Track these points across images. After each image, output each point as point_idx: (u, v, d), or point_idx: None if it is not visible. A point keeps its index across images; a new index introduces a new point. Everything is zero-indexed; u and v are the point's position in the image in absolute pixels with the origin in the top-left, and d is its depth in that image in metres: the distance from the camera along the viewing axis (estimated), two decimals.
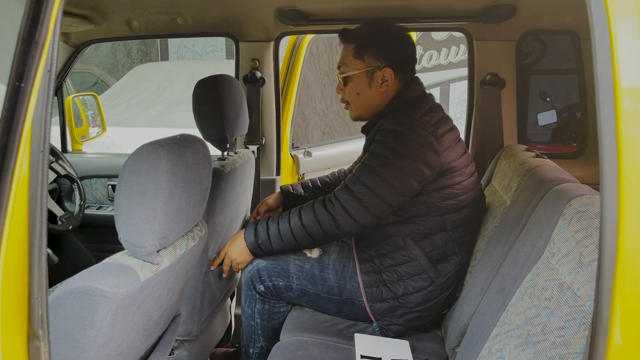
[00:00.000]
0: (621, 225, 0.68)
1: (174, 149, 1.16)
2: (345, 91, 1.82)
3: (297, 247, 1.74)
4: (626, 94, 0.70)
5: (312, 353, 1.59)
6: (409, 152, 1.63)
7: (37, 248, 0.77)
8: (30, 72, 0.68)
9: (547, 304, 1.12)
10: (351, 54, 1.77)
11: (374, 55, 1.75)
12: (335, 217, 1.64)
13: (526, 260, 1.31)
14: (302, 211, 1.70)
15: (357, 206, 1.63)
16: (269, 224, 1.74)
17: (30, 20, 0.66)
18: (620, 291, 0.70)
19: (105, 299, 1.02)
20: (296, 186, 2.18)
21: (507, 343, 1.21)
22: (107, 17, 2.22)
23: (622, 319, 0.71)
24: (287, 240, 1.71)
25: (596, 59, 0.69)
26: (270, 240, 1.72)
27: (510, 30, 2.19)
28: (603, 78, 0.69)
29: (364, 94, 1.79)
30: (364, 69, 1.76)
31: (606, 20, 0.69)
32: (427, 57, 8.25)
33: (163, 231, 1.14)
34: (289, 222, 1.70)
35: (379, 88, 1.77)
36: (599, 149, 0.70)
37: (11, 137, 0.68)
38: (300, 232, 1.68)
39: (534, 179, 1.58)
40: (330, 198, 1.68)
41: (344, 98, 1.86)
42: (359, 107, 1.83)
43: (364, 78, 1.77)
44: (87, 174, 2.60)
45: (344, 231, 1.66)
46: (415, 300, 1.73)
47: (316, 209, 1.68)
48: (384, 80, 1.76)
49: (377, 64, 1.76)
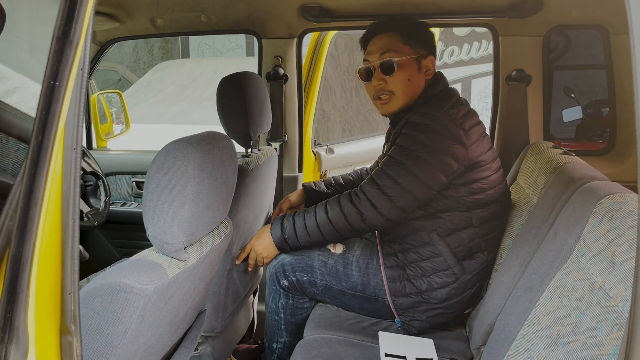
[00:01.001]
0: None
1: (201, 147, 1.16)
2: (390, 80, 1.75)
3: (324, 242, 1.74)
4: None
5: (336, 350, 1.59)
6: (437, 145, 1.61)
7: (70, 244, 0.78)
8: (65, 71, 0.69)
9: (577, 304, 1.10)
10: (399, 41, 1.75)
11: (420, 43, 1.76)
12: (362, 211, 1.64)
13: (555, 259, 1.29)
14: (328, 205, 1.70)
15: (384, 200, 1.62)
16: (295, 218, 1.74)
17: (65, 19, 0.67)
18: None
19: (134, 295, 1.03)
20: (319, 183, 2.17)
21: (535, 343, 1.19)
22: (132, 16, 2.25)
23: None
24: (313, 235, 1.71)
25: (635, 55, 0.67)
26: (297, 235, 1.73)
27: (536, 25, 2.15)
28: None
29: (414, 80, 1.76)
30: (414, 55, 1.75)
31: None
32: (448, 52, 8.18)
33: (190, 228, 1.15)
34: (315, 216, 1.70)
35: (424, 76, 1.78)
36: (638, 148, 0.68)
37: (46, 134, 0.69)
38: (326, 226, 1.68)
39: (562, 176, 1.55)
40: (357, 192, 1.67)
41: (387, 88, 1.77)
42: (407, 95, 1.76)
43: (414, 64, 1.76)
44: (111, 170, 2.63)
45: (370, 225, 1.65)
46: (439, 296, 1.72)
47: (342, 203, 1.67)
48: (427, 69, 1.77)
49: (423, 52, 1.77)
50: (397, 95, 1.76)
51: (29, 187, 0.70)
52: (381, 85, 1.77)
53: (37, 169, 0.70)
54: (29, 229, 0.71)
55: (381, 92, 1.78)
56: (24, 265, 0.71)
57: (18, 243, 0.70)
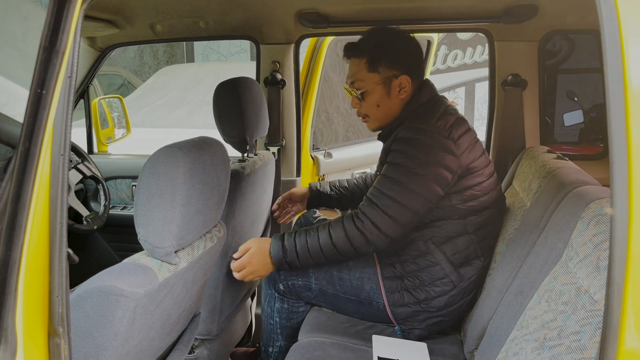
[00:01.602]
0: (631, 228, 0.68)
1: (191, 152, 1.18)
2: (363, 105, 1.81)
3: (325, 263, 1.72)
4: (636, 96, 0.69)
5: (329, 354, 1.60)
6: (429, 158, 1.62)
7: (57, 248, 0.80)
8: (52, 80, 0.71)
9: (564, 308, 1.11)
10: (365, 68, 1.76)
11: (388, 65, 1.74)
12: (366, 234, 1.62)
13: (545, 264, 1.30)
14: (330, 229, 1.67)
15: (387, 220, 1.62)
16: (296, 240, 1.68)
17: (51, 30, 0.69)
18: (632, 295, 0.70)
19: (124, 298, 1.04)
20: (324, 185, 2.21)
21: (523, 347, 1.20)
22: (132, 22, 2.27)
23: (635, 323, 0.70)
24: (315, 257, 1.67)
25: (606, 61, 0.69)
26: (298, 257, 1.68)
27: (532, 30, 2.16)
28: (613, 80, 0.68)
29: (384, 105, 1.78)
30: (380, 81, 1.75)
31: (616, 19, 0.69)
32: (452, 56, 8.19)
33: (181, 232, 1.16)
34: (318, 239, 1.66)
35: (398, 96, 1.76)
36: (609, 153, 0.70)
37: (33, 141, 0.71)
38: (330, 250, 1.65)
39: (554, 181, 1.56)
40: (359, 215, 1.65)
41: (361, 112, 1.84)
42: (379, 119, 1.81)
43: (382, 89, 1.76)
44: (112, 174, 2.65)
45: (375, 247, 1.65)
46: (438, 304, 1.73)
47: (346, 227, 1.64)
48: (401, 87, 1.75)
49: (393, 73, 1.75)
50: (371, 117, 1.82)
51: (16, 192, 0.72)
52: (357, 108, 1.84)
53: (24, 174, 0.72)
54: (16, 232, 0.73)
55: (359, 114, 1.86)
56: (12, 267, 0.73)
57: (6, 246, 0.72)
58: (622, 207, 0.68)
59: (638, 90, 0.69)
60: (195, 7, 2.17)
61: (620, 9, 0.70)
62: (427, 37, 3.18)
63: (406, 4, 2.09)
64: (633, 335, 0.70)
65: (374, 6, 2.10)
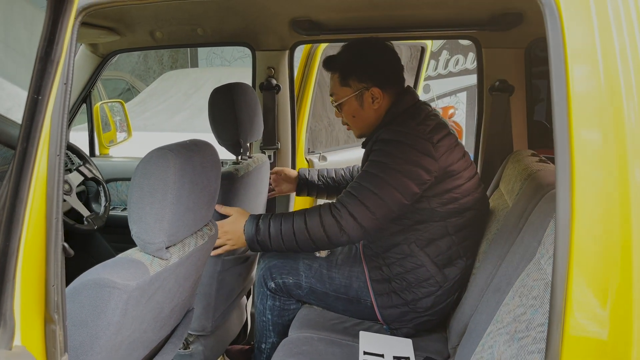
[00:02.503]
0: (573, 225, 0.74)
1: (182, 153, 1.25)
2: (343, 115, 1.92)
3: (297, 250, 1.75)
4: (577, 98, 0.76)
5: (317, 348, 1.66)
6: (407, 157, 1.68)
7: (53, 240, 0.87)
8: (47, 86, 0.78)
9: (533, 302, 1.17)
10: (338, 83, 1.87)
11: (358, 79, 1.84)
12: (341, 223, 1.66)
13: (520, 262, 1.36)
14: (307, 215, 1.71)
15: (363, 211, 1.66)
16: (271, 222, 1.71)
17: (46, 42, 0.76)
18: (575, 283, 0.76)
19: (116, 290, 1.11)
20: (312, 172, 2.30)
21: (497, 340, 1.26)
22: (132, 29, 2.35)
23: (577, 311, 0.77)
24: (287, 242, 1.70)
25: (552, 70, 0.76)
26: (270, 239, 1.70)
27: (518, 37, 2.23)
28: (557, 84, 0.75)
29: (359, 116, 1.88)
30: (352, 94, 1.85)
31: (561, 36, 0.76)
32: (453, 61, 8.26)
33: (172, 229, 1.23)
34: (292, 224, 1.70)
35: (372, 107, 1.85)
36: (555, 153, 0.77)
37: (30, 142, 0.78)
38: (302, 235, 1.68)
39: (533, 183, 1.62)
40: (336, 205, 1.70)
41: (343, 121, 1.96)
42: (358, 127, 1.92)
43: (355, 102, 1.86)
44: (113, 176, 2.73)
45: (348, 235, 1.67)
46: (425, 305, 1.79)
47: (322, 214, 1.69)
48: (374, 98, 1.84)
49: (363, 85, 1.83)
50: (352, 126, 1.94)
51: (15, 188, 0.79)
52: (339, 117, 1.96)
53: (22, 172, 0.79)
54: (15, 225, 0.80)
55: (343, 123, 1.98)
56: (11, 257, 0.80)
57: (5, 237, 0.79)
58: (565, 204, 0.75)
59: (579, 97, 0.76)
60: (193, 14, 2.25)
61: (565, 23, 0.77)
62: (421, 44, 3.25)
63: (396, 12, 2.15)
64: (576, 322, 0.76)
65: (365, 14, 2.17)
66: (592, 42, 0.79)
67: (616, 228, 0.77)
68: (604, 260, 0.77)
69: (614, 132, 0.77)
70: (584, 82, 0.79)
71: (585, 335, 0.76)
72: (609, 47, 0.79)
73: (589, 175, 0.75)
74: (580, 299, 0.76)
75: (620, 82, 0.78)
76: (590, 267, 0.75)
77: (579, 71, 0.78)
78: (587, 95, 0.78)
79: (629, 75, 0.78)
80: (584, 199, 0.75)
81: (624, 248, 0.76)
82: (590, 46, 0.79)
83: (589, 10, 0.80)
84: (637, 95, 0.78)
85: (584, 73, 0.79)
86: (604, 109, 0.78)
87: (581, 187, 0.75)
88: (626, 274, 0.76)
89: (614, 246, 0.77)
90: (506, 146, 2.31)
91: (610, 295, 0.77)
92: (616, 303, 0.77)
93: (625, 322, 0.76)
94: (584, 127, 0.77)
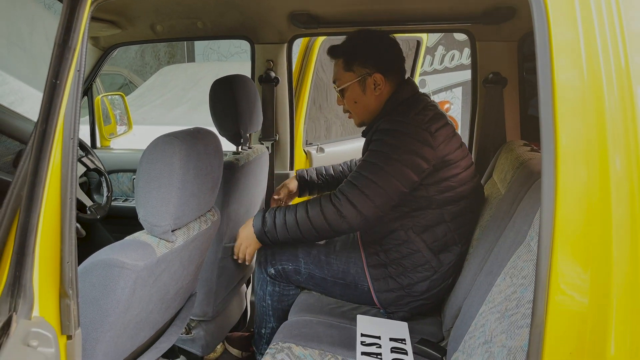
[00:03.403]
0: (557, 205, 0.80)
1: (187, 140, 1.30)
2: (345, 102, 1.97)
3: (302, 239, 1.81)
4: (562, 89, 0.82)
5: (315, 331, 1.72)
6: (406, 147, 1.74)
7: (68, 219, 0.92)
8: (65, 71, 0.83)
9: (523, 281, 1.23)
10: (342, 68, 1.93)
11: (361, 64, 1.89)
12: (341, 211, 1.72)
13: (511, 245, 1.42)
14: (308, 205, 1.78)
15: (363, 199, 1.72)
16: (276, 213, 1.82)
17: (64, 29, 0.81)
18: (559, 259, 0.82)
19: (125, 270, 1.17)
20: (310, 172, 2.34)
21: (489, 319, 1.32)
22: (133, 22, 2.39)
23: (561, 282, 0.82)
24: (291, 232, 1.78)
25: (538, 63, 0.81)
26: (276, 230, 1.80)
27: (511, 31, 2.28)
28: (544, 78, 0.81)
29: (361, 101, 1.93)
30: (355, 79, 1.90)
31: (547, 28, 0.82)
32: (449, 57, 8.29)
33: (177, 212, 1.28)
34: (295, 214, 1.78)
35: (373, 93, 1.90)
36: (540, 139, 0.82)
37: (49, 124, 0.83)
38: (305, 225, 1.75)
39: (525, 171, 1.68)
40: (336, 194, 1.76)
41: (345, 109, 2.00)
42: (359, 114, 1.97)
43: (357, 87, 1.91)
44: (114, 168, 2.77)
45: (348, 224, 1.73)
46: (420, 289, 1.85)
47: (322, 203, 1.75)
48: (376, 84, 1.89)
49: (367, 71, 1.89)
50: (353, 113, 1.98)
51: (34, 167, 0.84)
52: (341, 105, 2.01)
53: (41, 152, 0.84)
54: (34, 202, 0.85)
55: (344, 110, 2.02)
56: (30, 232, 0.85)
57: (26, 214, 0.84)
58: (549, 181, 0.80)
59: (563, 87, 0.82)
60: (193, 8, 2.29)
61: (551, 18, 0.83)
62: (417, 38, 3.30)
63: (392, 6, 2.20)
64: (559, 295, 0.82)
65: (361, 8, 2.22)
66: (576, 36, 0.85)
67: (597, 208, 0.82)
68: (586, 237, 0.83)
69: (595, 120, 0.83)
70: (568, 73, 0.84)
71: (568, 307, 0.82)
72: (591, 40, 0.85)
73: (572, 159, 0.81)
74: (564, 273, 0.81)
75: (601, 74, 0.84)
76: (572, 245, 0.81)
77: (563, 63, 0.84)
78: (571, 85, 0.84)
79: (610, 67, 0.84)
80: (567, 180, 0.81)
81: (603, 227, 0.82)
82: (574, 40, 0.85)
83: (574, 7, 0.86)
84: (616, 86, 0.84)
85: (568, 64, 0.85)
86: (586, 98, 0.84)
87: (565, 170, 0.81)
88: (606, 250, 0.82)
89: (595, 224, 0.83)
90: (499, 137, 2.37)
91: (591, 269, 0.82)
92: (596, 277, 0.82)
93: (604, 294, 0.82)
94: (567, 114, 0.83)
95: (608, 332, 0.81)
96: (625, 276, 0.80)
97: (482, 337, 1.29)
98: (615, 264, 0.81)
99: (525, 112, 2.42)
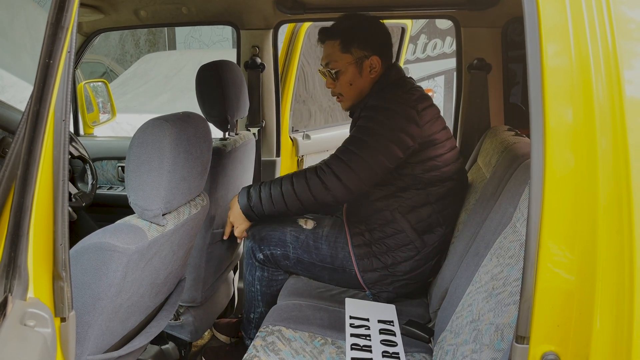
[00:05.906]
0: (545, 186, 0.83)
1: (177, 124, 1.30)
2: (337, 84, 1.95)
3: (287, 212, 1.82)
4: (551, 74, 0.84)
5: (305, 314, 1.74)
6: (392, 123, 1.76)
7: (60, 202, 0.92)
8: (57, 51, 0.82)
9: (509, 261, 1.26)
10: (338, 50, 1.91)
11: (360, 46, 1.89)
12: (326, 183, 1.74)
13: (497, 226, 1.45)
14: (294, 177, 1.80)
15: (348, 172, 1.74)
16: (261, 187, 1.83)
17: (57, 8, 0.80)
18: (547, 238, 0.85)
19: (117, 253, 1.17)
20: None
21: (476, 298, 1.35)
22: (117, 7, 2.36)
23: (547, 261, 0.85)
24: (277, 204, 1.80)
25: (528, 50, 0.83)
26: (262, 203, 1.81)
27: (495, 17, 2.30)
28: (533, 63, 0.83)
29: (356, 84, 1.93)
30: (353, 61, 1.90)
31: None
32: (431, 45, 8.33)
33: (167, 196, 1.29)
34: (280, 186, 1.79)
35: (369, 75, 1.91)
36: (530, 123, 0.85)
37: (42, 104, 0.82)
38: (290, 197, 1.77)
39: (510, 154, 1.71)
40: (322, 166, 1.78)
41: (336, 91, 1.98)
42: (352, 96, 1.96)
43: (354, 69, 1.91)
44: (98, 156, 2.74)
45: (333, 196, 1.75)
46: (403, 269, 1.88)
47: (308, 176, 1.77)
48: (372, 67, 1.90)
49: (365, 53, 1.90)
50: (345, 96, 1.97)
51: (28, 147, 0.83)
52: (332, 88, 1.98)
53: (35, 132, 0.83)
54: (29, 182, 0.84)
55: (333, 93, 2.00)
56: (25, 212, 0.84)
57: (20, 194, 0.84)
58: (538, 161, 0.83)
59: (552, 71, 0.85)
60: None
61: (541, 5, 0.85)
62: (402, 25, 3.31)
63: None
64: (547, 272, 0.85)
65: None
66: (565, 22, 0.87)
67: (584, 190, 0.85)
68: (573, 217, 0.85)
69: (583, 103, 0.86)
70: (557, 58, 0.86)
71: (555, 284, 0.85)
72: (579, 26, 0.87)
73: (561, 141, 0.84)
74: (551, 251, 0.84)
75: (589, 59, 0.87)
76: (559, 224, 0.84)
77: (553, 48, 0.86)
78: (560, 69, 0.86)
79: (598, 52, 0.87)
80: (555, 162, 0.83)
81: (590, 207, 0.85)
82: (563, 25, 0.87)
83: None
84: (604, 70, 0.86)
85: (557, 50, 0.87)
86: (574, 82, 0.86)
87: (553, 152, 0.83)
88: (592, 229, 0.85)
89: (582, 205, 0.85)
90: (484, 123, 2.40)
91: (578, 247, 0.85)
92: (582, 255, 0.85)
93: (590, 271, 0.85)
94: (556, 98, 0.85)
95: (594, 307, 0.84)
96: (610, 254, 0.83)
97: (470, 316, 1.32)
98: (601, 242, 0.83)
99: (509, 102, 2.45)
